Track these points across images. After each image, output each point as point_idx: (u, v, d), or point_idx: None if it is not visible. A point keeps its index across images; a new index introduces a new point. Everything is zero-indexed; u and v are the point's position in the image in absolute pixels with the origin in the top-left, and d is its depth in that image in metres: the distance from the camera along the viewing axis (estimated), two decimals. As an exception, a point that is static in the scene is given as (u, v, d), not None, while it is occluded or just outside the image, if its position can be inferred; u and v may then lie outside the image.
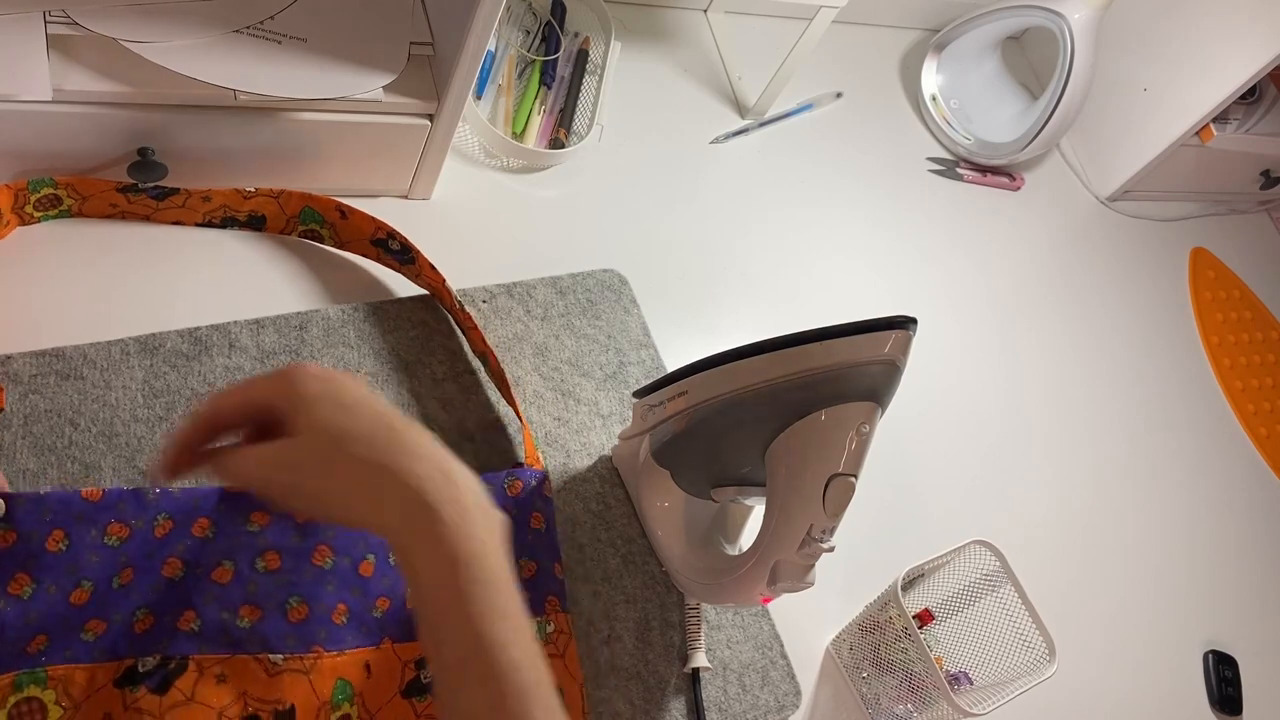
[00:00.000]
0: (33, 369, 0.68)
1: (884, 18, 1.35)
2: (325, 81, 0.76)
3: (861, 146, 1.23)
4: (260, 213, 0.80)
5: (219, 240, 0.81)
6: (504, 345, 0.85)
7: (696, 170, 1.09)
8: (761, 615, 0.84)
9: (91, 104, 0.70)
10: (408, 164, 0.86)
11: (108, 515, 0.61)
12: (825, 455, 0.66)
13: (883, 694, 0.83)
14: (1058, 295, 1.26)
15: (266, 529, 0.63)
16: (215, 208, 0.79)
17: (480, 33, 0.74)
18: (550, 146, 0.99)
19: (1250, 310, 1.43)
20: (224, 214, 0.80)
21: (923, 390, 1.05)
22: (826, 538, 0.67)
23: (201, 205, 0.78)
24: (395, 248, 0.82)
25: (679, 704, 0.77)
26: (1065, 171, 1.39)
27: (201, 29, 0.73)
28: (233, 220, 0.80)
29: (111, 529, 0.61)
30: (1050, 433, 1.13)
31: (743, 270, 1.04)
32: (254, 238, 0.82)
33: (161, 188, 0.75)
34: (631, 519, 0.83)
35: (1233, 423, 1.28)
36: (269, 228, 0.82)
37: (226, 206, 0.79)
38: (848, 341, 0.64)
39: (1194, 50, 1.26)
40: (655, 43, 1.16)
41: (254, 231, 0.82)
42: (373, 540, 0.67)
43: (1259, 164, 1.45)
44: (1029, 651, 0.84)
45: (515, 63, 1.02)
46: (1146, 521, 1.12)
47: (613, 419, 0.87)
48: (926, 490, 1.00)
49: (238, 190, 0.78)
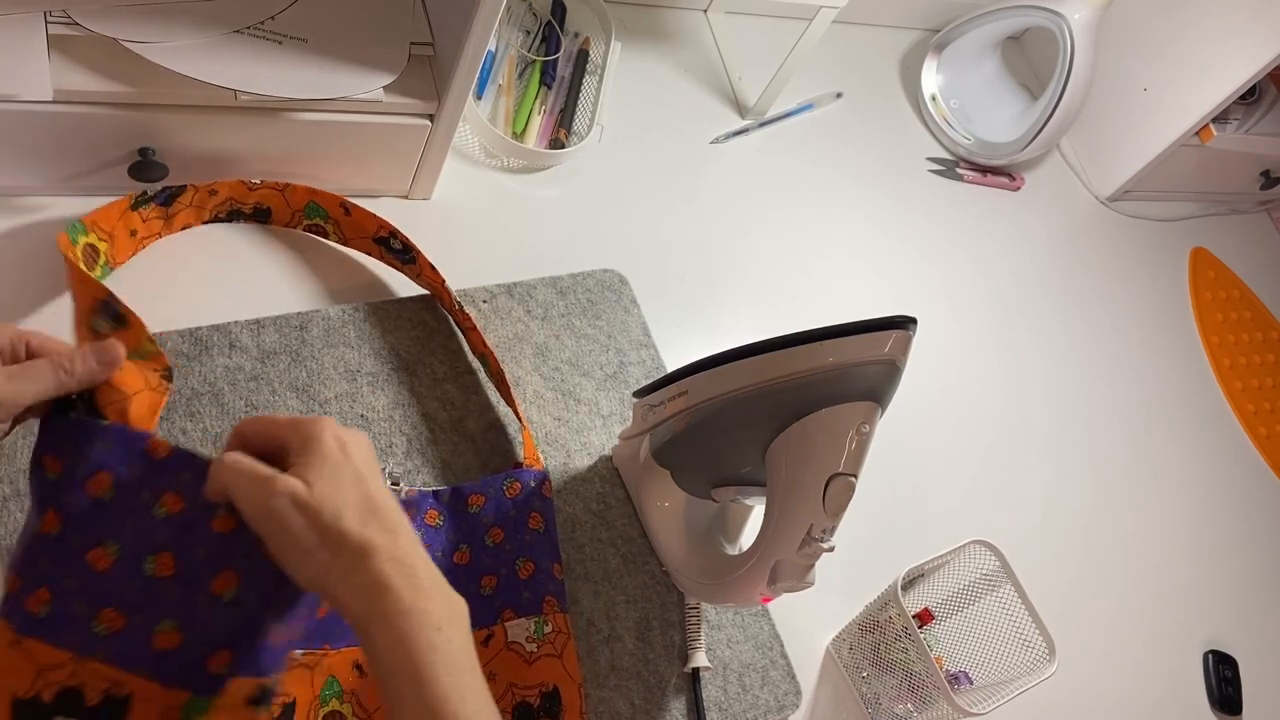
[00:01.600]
0: (33, 369, 0.68)
1: (884, 18, 1.35)
2: (325, 81, 0.76)
3: (861, 146, 1.23)
4: (266, 205, 0.81)
5: (222, 235, 0.81)
6: (504, 345, 0.85)
7: (696, 170, 1.09)
8: (761, 615, 0.84)
9: (91, 104, 0.70)
10: (408, 164, 0.86)
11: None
12: (825, 455, 0.66)
13: (883, 694, 0.83)
14: (1058, 295, 1.26)
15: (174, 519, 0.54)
16: (221, 201, 0.79)
17: (480, 33, 0.74)
18: (550, 146, 0.99)
19: (1250, 310, 1.43)
20: (230, 207, 0.79)
21: (923, 390, 1.05)
22: (826, 538, 0.67)
23: (209, 200, 0.78)
24: (397, 247, 0.82)
25: (679, 704, 0.77)
26: (1065, 171, 1.39)
27: (201, 29, 0.73)
28: (238, 213, 0.80)
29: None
30: (1050, 433, 1.13)
31: (743, 270, 1.04)
32: (257, 231, 0.82)
33: (169, 188, 0.75)
34: (631, 519, 0.83)
35: (1233, 423, 1.28)
36: (274, 220, 0.82)
37: (232, 199, 0.79)
38: (848, 341, 0.64)
39: (1194, 50, 1.26)
40: (655, 43, 1.16)
41: (259, 224, 0.82)
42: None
43: (1259, 164, 1.45)
44: (1029, 651, 0.84)
45: (515, 63, 1.02)
46: (1146, 521, 1.12)
47: (613, 419, 0.87)
48: (926, 490, 1.00)
49: (243, 181, 0.78)
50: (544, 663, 0.70)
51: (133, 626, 0.52)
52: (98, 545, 0.52)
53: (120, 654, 0.51)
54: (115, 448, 0.53)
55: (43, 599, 0.51)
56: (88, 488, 0.52)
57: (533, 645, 0.70)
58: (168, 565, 0.52)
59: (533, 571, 0.73)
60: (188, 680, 0.52)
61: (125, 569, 0.52)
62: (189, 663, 0.52)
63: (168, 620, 0.52)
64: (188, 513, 0.53)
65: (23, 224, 0.75)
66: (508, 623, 0.71)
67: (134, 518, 0.52)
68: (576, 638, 0.75)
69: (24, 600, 0.51)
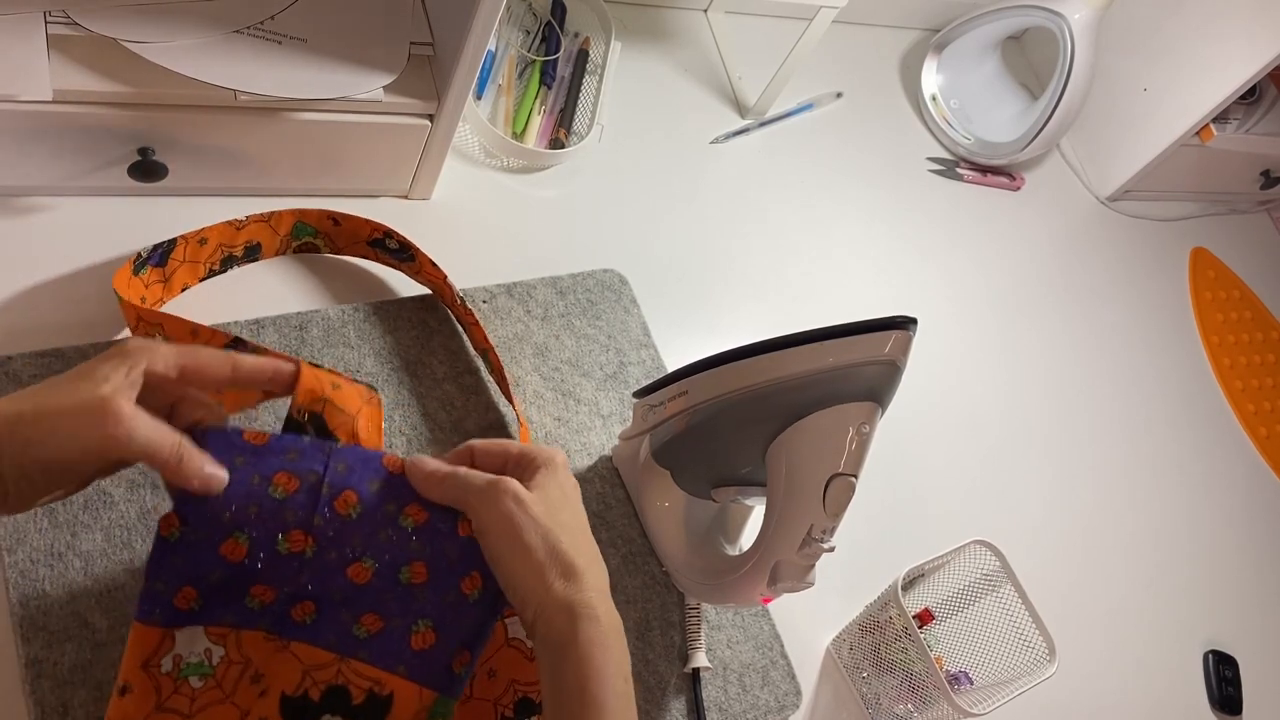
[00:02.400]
0: (33, 369, 0.68)
1: (884, 18, 1.35)
2: (325, 81, 0.76)
3: (861, 146, 1.23)
4: (255, 240, 0.79)
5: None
6: (504, 345, 0.85)
7: (696, 170, 1.09)
8: (761, 615, 0.84)
9: (91, 104, 0.70)
10: (408, 164, 0.86)
11: (275, 462, 0.55)
12: (825, 455, 0.66)
13: (883, 694, 0.83)
14: (1058, 295, 1.26)
15: (421, 528, 0.56)
16: (213, 250, 0.77)
17: (480, 33, 0.74)
18: (550, 146, 0.99)
19: (1250, 310, 1.43)
20: (222, 255, 0.78)
21: (923, 390, 1.05)
22: (827, 538, 0.67)
23: (201, 252, 0.76)
24: (393, 246, 0.82)
25: (679, 704, 0.77)
26: (1065, 171, 1.39)
27: (201, 29, 0.73)
28: (231, 259, 0.79)
29: (279, 479, 0.54)
30: (1050, 433, 1.13)
31: (743, 270, 1.04)
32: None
33: (160, 246, 0.73)
34: (631, 519, 0.83)
35: (1233, 423, 1.28)
36: (264, 254, 0.81)
37: (222, 245, 0.77)
38: (848, 342, 0.64)
39: (1194, 50, 1.26)
40: (655, 43, 1.16)
41: (251, 263, 0.81)
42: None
43: (1259, 164, 1.45)
44: (1029, 651, 0.84)
45: (515, 63, 1.02)
46: (1146, 521, 1.12)
47: (613, 419, 0.87)
48: (926, 490, 1.00)
49: (229, 223, 0.76)
50: None
51: (391, 629, 0.55)
52: (355, 561, 0.55)
53: (380, 654, 0.55)
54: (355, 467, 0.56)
55: (308, 610, 0.55)
56: (335, 506, 0.55)
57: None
58: (421, 573, 0.56)
59: None
60: (438, 680, 0.55)
61: (382, 580, 0.56)
62: (441, 662, 0.55)
63: (424, 620, 0.56)
64: (432, 521, 0.56)
65: (23, 224, 0.75)
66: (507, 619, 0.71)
67: (385, 530, 0.56)
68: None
69: (289, 610, 0.55)
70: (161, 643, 0.53)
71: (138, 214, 0.79)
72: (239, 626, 0.55)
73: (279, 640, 0.55)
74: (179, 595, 0.53)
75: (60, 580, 0.62)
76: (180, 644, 0.54)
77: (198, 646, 0.54)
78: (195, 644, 0.54)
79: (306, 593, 0.55)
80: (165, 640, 0.53)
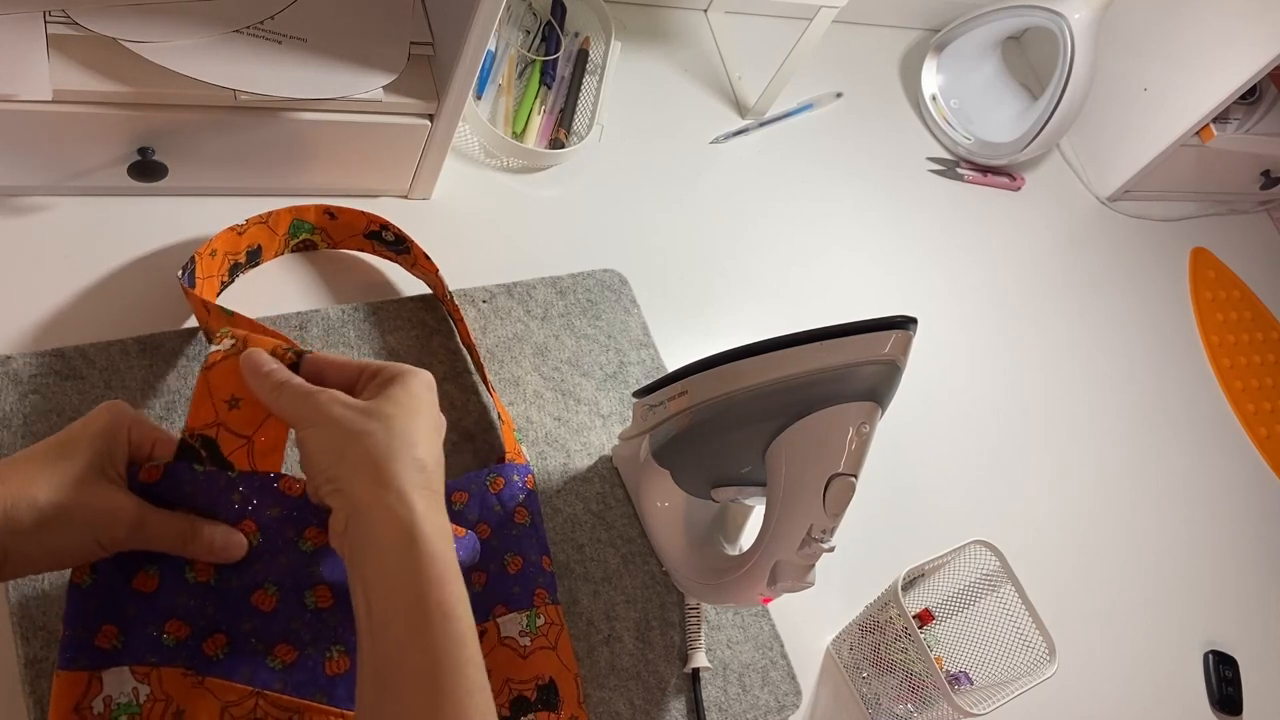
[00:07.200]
0: (33, 369, 0.68)
1: (884, 18, 1.35)
2: (325, 81, 0.76)
3: (861, 146, 1.23)
4: (255, 244, 0.79)
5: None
6: (504, 345, 0.85)
7: (696, 170, 1.09)
8: (761, 615, 0.84)
9: (91, 104, 0.70)
10: (408, 164, 0.86)
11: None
12: (825, 455, 0.66)
13: (883, 694, 0.83)
14: (1058, 295, 1.26)
15: (321, 551, 0.57)
16: (221, 261, 0.77)
17: (480, 33, 0.74)
18: (550, 146, 0.99)
19: (1250, 310, 1.43)
20: (229, 264, 0.78)
21: (923, 390, 1.05)
22: (827, 538, 0.67)
23: (212, 265, 0.75)
24: (389, 239, 0.82)
25: (679, 704, 0.77)
26: (1065, 171, 1.39)
27: (201, 29, 0.73)
28: (237, 267, 0.79)
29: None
30: (1050, 433, 1.13)
31: (743, 270, 1.04)
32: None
33: (187, 269, 0.73)
34: (631, 519, 0.83)
35: (1233, 423, 1.28)
36: (264, 257, 0.81)
37: (229, 254, 0.77)
38: (848, 341, 0.64)
39: (1194, 50, 1.26)
40: (655, 43, 1.16)
41: (255, 268, 0.81)
42: None
43: (1259, 164, 1.45)
44: (1029, 651, 0.84)
45: (515, 63, 1.02)
46: (1146, 521, 1.12)
47: (613, 419, 0.87)
48: (926, 490, 1.00)
49: (231, 229, 0.76)
50: (538, 655, 0.70)
51: (304, 657, 0.57)
52: (259, 588, 0.57)
53: (296, 684, 0.57)
54: (252, 494, 0.56)
55: (220, 643, 0.56)
56: None
57: (526, 639, 0.70)
58: (326, 596, 0.58)
59: (521, 566, 0.73)
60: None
61: (287, 606, 0.57)
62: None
63: (336, 646, 0.58)
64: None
65: (23, 224, 0.75)
66: (499, 618, 0.71)
67: (285, 555, 0.57)
68: (576, 638, 0.75)
69: (201, 646, 0.56)
70: (89, 685, 0.54)
71: (138, 214, 0.79)
72: (159, 664, 0.55)
73: (194, 676, 0.56)
74: (100, 634, 0.54)
75: (60, 580, 0.62)
76: (109, 685, 0.54)
77: (125, 686, 0.55)
78: (123, 684, 0.55)
79: (217, 625, 0.56)
80: (93, 683, 0.54)
